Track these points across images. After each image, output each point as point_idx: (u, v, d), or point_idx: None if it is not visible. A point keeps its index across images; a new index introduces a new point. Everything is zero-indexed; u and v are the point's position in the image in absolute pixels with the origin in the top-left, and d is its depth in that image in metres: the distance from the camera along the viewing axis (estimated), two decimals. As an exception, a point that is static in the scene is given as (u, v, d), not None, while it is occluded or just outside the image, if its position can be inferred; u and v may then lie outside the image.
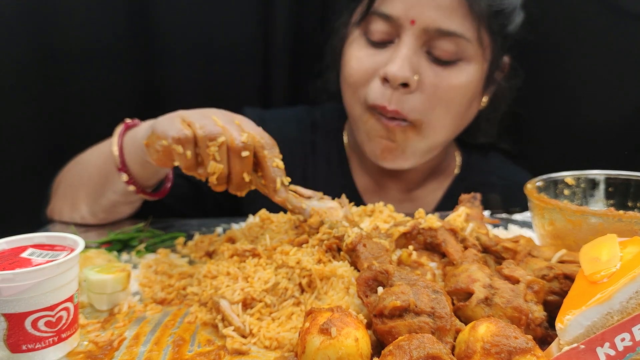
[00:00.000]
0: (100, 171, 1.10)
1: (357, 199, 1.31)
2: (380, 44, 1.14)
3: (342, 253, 0.80)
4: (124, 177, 1.04)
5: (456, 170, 1.37)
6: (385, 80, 1.11)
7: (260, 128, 0.91)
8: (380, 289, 0.67)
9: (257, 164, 0.90)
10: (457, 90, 1.12)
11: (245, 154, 0.85)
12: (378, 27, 1.13)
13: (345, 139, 1.37)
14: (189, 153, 0.85)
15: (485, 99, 1.26)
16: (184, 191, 1.31)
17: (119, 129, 1.07)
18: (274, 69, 1.56)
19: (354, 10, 1.21)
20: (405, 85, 1.10)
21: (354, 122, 1.24)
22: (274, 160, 0.88)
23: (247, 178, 0.88)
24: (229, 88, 1.54)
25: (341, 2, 1.28)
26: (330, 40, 1.30)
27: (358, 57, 1.16)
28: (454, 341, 0.60)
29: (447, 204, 1.32)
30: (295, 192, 0.93)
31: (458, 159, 1.40)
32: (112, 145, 1.05)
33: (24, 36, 1.39)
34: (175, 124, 0.86)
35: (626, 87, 1.42)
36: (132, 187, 1.06)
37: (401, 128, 1.14)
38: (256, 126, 0.91)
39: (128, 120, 1.09)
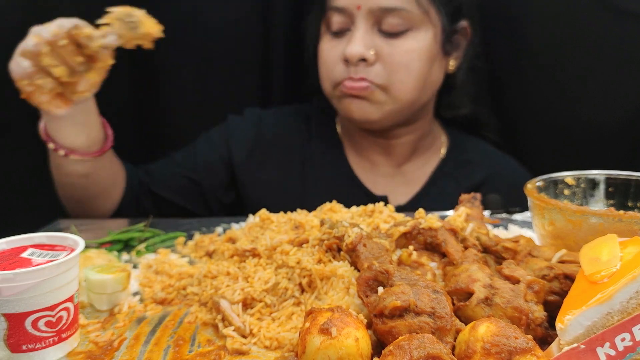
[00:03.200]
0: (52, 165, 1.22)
1: (351, 176, 1.43)
2: (340, 33, 1.30)
3: (342, 253, 0.80)
4: (50, 145, 1.15)
5: (443, 149, 1.48)
6: (346, 61, 1.27)
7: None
8: (380, 289, 0.67)
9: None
10: (411, 54, 1.26)
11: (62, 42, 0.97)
12: (335, 19, 1.30)
13: (338, 128, 1.50)
14: (37, 82, 1.00)
15: (453, 63, 1.38)
16: (184, 184, 1.40)
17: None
18: (274, 68, 1.57)
19: (318, 9, 1.36)
20: (364, 60, 1.25)
21: (329, 99, 1.38)
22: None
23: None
24: (229, 88, 1.54)
25: (308, 4, 1.42)
26: (306, 39, 1.43)
27: (325, 49, 1.33)
28: (454, 341, 0.60)
29: (436, 181, 1.42)
30: None
31: (444, 138, 1.50)
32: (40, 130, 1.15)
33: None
34: (13, 67, 1.01)
35: (626, 87, 1.42)
36: (61, 152, 1.15)
37: (369, 90, 1.27)
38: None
39: None
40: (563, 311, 0.58)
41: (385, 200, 1.22)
